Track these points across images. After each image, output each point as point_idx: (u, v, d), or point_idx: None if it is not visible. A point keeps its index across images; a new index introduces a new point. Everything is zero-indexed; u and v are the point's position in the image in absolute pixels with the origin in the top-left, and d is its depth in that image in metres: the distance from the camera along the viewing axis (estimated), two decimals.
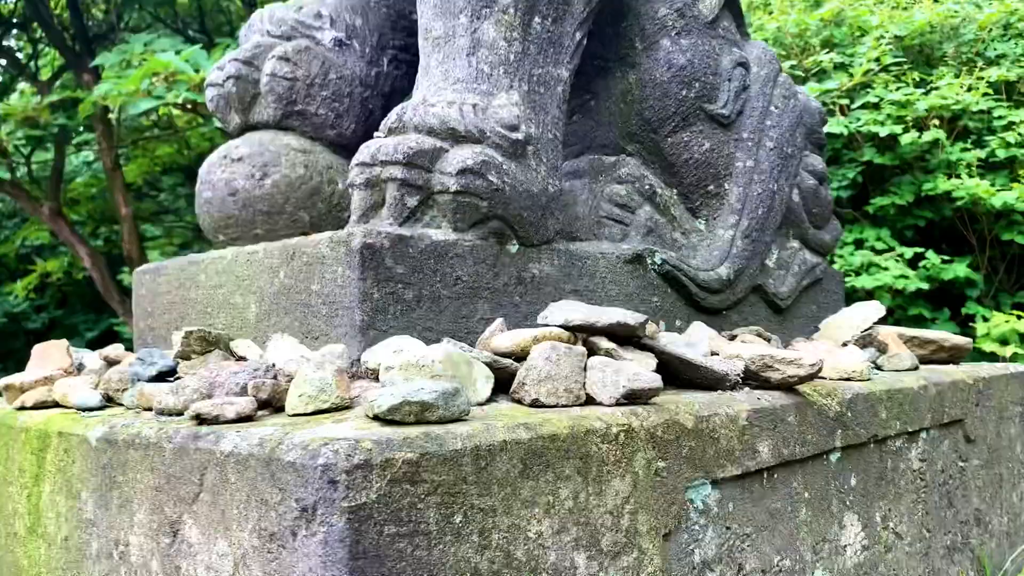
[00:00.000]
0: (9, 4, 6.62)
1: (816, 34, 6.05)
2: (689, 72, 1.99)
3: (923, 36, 5.68)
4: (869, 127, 4.77)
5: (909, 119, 4.58)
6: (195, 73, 3.63)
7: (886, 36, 5.58)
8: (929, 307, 4.11)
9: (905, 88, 4.91)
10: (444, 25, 1.69)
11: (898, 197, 4.45)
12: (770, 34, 6.10)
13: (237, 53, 1.93)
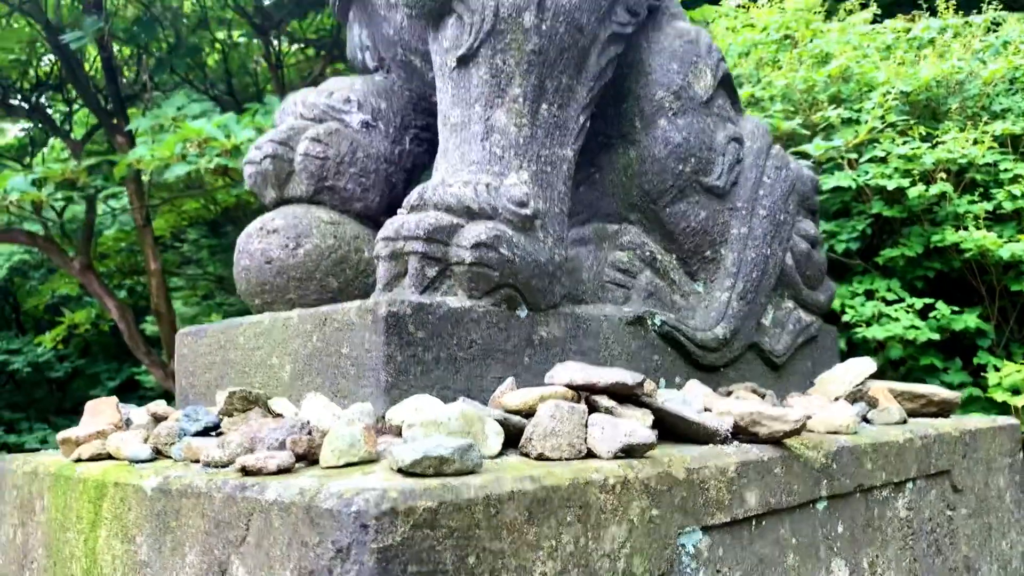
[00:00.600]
0: (45, 67, 6.96)
1: (824, 90, 6.23)
2: (685, 149, 2.17)
3: (929, 91, 5.85)
4: (877, 180, 4.91)
5: (916, 172, 4.70)
6: (226, 139, 3.86)
7: (892, 91, 5.75)
8: (940, 357, 4.18)
9: (912, 142, 5.06)
10: (461, 113, 1.88)
11: (907, 249, 4.56)
12: (779, 90, 6.29)
13: (273, 135, 2.13)
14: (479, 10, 1.84)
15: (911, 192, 4.50)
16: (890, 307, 4.27)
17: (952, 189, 4.52)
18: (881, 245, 4.82)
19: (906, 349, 4.16)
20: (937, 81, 5.81)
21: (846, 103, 6.10)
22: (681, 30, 2.26)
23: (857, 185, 4.82)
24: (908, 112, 5.84)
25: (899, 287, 4.54)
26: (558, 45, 1.90)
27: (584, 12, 1.93)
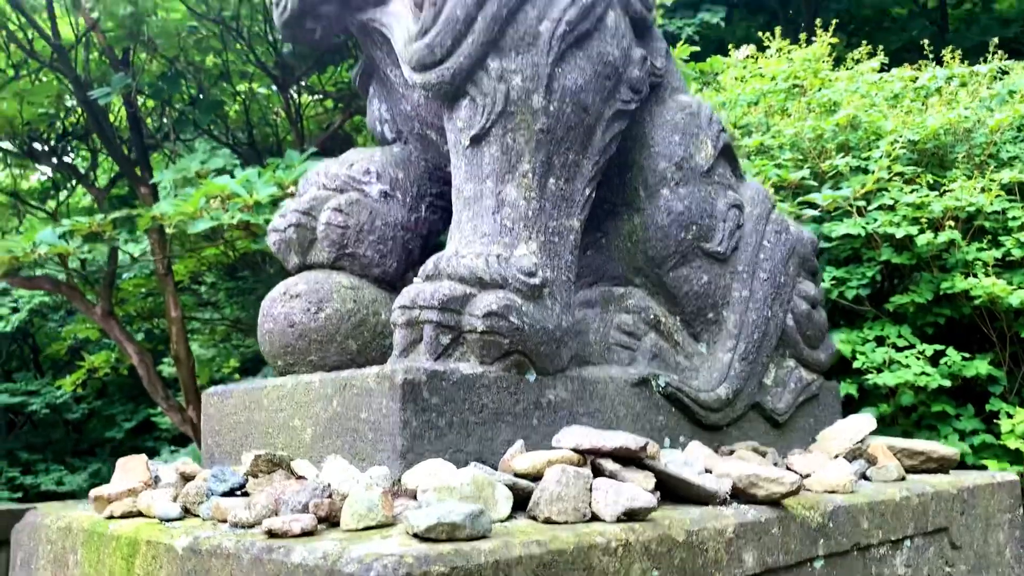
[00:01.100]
0: (71, 116, 7.17)
1: (832, 138, 6.33)
2: (687, 217, 2.28)
3: (936, 140, 5.93)
4: (885, 228, 4.98)
5: (924, 220, 4.76)
6: (248, 196, 3.99)
7: (900, 140, 5.83)
8: (952, 404, 4.19)
9: (920, 191, 5.12)
10: (474, 187, 2.00)
11: (917, 295, 4.59)
12: (788, 139, 6.40)
13: (297, 204, 2.26)
14: (491, 93, 1.97)
15: (920, 240, 4.55)
16: (901, 353, 4.29)
17: (960, 237, 4.54)
18: (891, 291, 4.87)
19: (917, 396, 4.16)
20: (944, 129, 5.90)
21: (854, 151, 6.18)
22: (683, 103, 2.38)
23: (866, 232, 4.88)
24: (916, 160, 5.91)
25: (909, 333, 4.56)
26: (565, 124, 2.02)
27: (589, 93, 2.06)
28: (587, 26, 2.06)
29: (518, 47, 1.98)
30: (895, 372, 4.15)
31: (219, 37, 5.57)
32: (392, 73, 2.28)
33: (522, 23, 1.98)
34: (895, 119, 6.37)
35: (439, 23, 1.96)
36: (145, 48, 5.58)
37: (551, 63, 2.00)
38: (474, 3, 1.94)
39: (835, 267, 5.09)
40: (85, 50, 5.89)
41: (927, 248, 4.60)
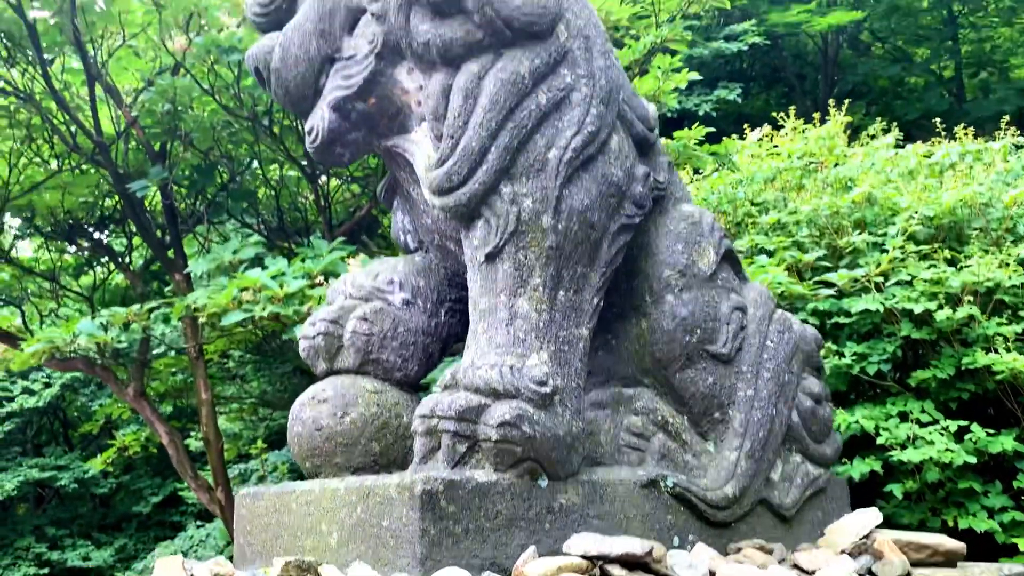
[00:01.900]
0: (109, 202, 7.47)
1: (849, 215, 6.44)
2: (691, 321, 2.41)
3: (953, 215, 6.00)
4: (904, 304, 5.02)
5: (943, 295, 4.79)
6: (279, 289, 4.18)
7: (916, 216, 5.92)
8: (980, 480, 4.16)
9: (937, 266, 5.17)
10: (488, 301, 2.15)
11: (939, 370, 4.58)
12: (804, 216, 6.51)
13: (325, 313, 2.42)
14: (503, 215, 2.14)
15: (938, 315, 4.56)
16: (924, 429, 4.24)
17: (980, 312, 4.56)
18: (913, 366, 4.89)
19: (943, 472, 4.11)
20: (960, 205, 5.97)
21: (871, 227, 6.26)
22: (685, 213, 2.54)
23: (885, 308, 4.93)
24: (932, 235, 5.98)
25: (933, 408, 4.54)
26: (573, 240, 2.18)
27: (595, 211, 2.22)
28: (592, 151, 2.23)
29: (528, 173, 2.15)
30: (919, 448, 4.11)
31: (251, 130, 5.84)
32: (414, 191, 2.46)
33: (531, 151, 2.16)
34: (911, 195, 6.45)
35: (456, 153, 2.14)
36: (181, 141, 5.86)
37: (559, 186, 2.16)
38: (488, 135, 2.12)
39: (855, 342, 5.13)
40: (124, 143, 6.20)
41: (947, 323, 4.59)
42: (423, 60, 2.21)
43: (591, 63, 2.27)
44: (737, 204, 7.41)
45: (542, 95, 2.18)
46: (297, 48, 2.33)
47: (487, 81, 2.15)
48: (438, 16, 2.16)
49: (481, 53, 2.17)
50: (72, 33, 5.29)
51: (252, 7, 2.45)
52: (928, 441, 4.14)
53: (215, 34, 4.94)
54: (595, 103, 2.24)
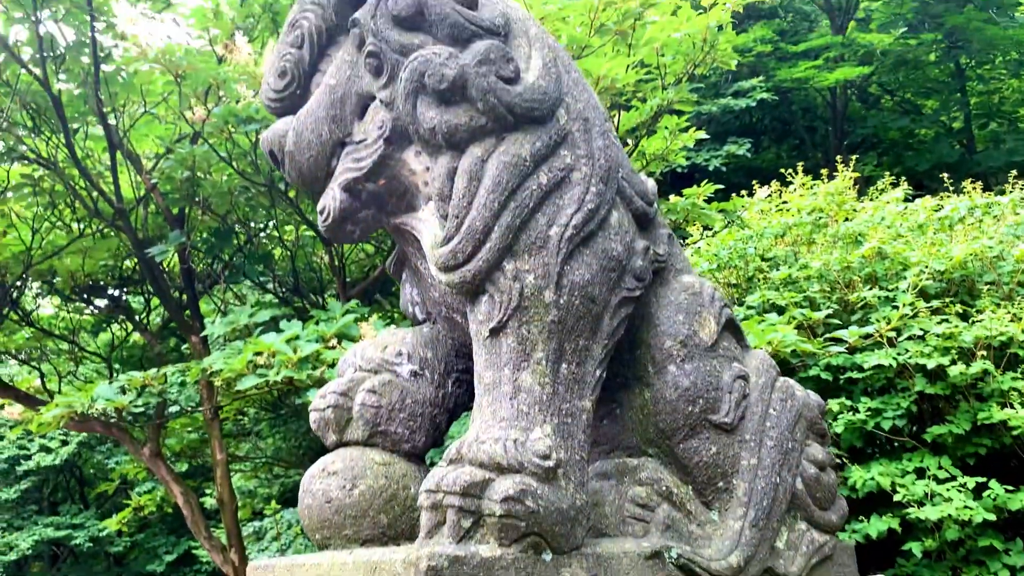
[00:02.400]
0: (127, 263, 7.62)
1: (859, 270, 6.47)
2: (694, 392, 2.46)
3: (963, 269, 6.02)
4: (917, 359, 5.02)
5: (955, 350, 4.79)
6: (293, 354, 4.26)
7: (926, 270, 5.94)
8: (1000, 538, 4.11)
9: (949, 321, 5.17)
10: (493, 375, 2.21)
11: (955, 426, 4.55)
12: (815, 271, 6.55)
13: (335, 386, 2.49)
14: (507, 291, 2.21)
15: (952, 370, 4.55)
16: (942, 486, 4.20)
17: (994, 367, 4.56)
18: (929, 421, 4.87)
19: (963, 530, 4.05)
20: (970, 259, 5.99)
21: (881, 281, 6.28)
22: (686, 284, 2.60)
23: (898, 363, 4.92)
24: (943, 289, 5.99)
25: (950, 465, 4.50)
26: (575, 315, 2.24)
27: (596, 285, 2.28)
28: (592, 227, 2.30)
29: (530, 250, 2.22)
30: (937, 506, 4.06)
31: (267, 194, 5.98)
32: (421, 266, 2.53)
33: (533, 229, 2.23)
34: (921, 249, 6.48)
35: (461, 232, 2.22)
36: (199, 207, 6.01)
37: (560, 262, 2.23)
38: (491, 215, 2.20)
39: (869, 397, 5.11)
40: (143, 208, 6.35)
41: (961, 378, 4.58)
42: (429, 144, 2.31)
43: (590, 144, 2.36)
44: (748, 259, 7.48)
45: (543, 175, 2.26)
46: (310, 132, 2.44)
47: (490, 164, 2.23)
48: (443, 104, 2.26)
49: (484, 137, 2.26)
50: (95, 104, 5.47)
51: (267, 93, 2.56)
52: (946, 498, 4.11)
53: (233, 105, 5.11)
54: (595, 182, 2.32)
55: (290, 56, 2.50)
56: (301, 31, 2.49)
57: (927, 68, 18.73)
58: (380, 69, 2.33)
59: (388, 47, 2.29)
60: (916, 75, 18.78)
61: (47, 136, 6.04)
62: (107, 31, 5.57)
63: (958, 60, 18.17)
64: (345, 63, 2.42)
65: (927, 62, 18.38)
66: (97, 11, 5.30)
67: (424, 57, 2.24)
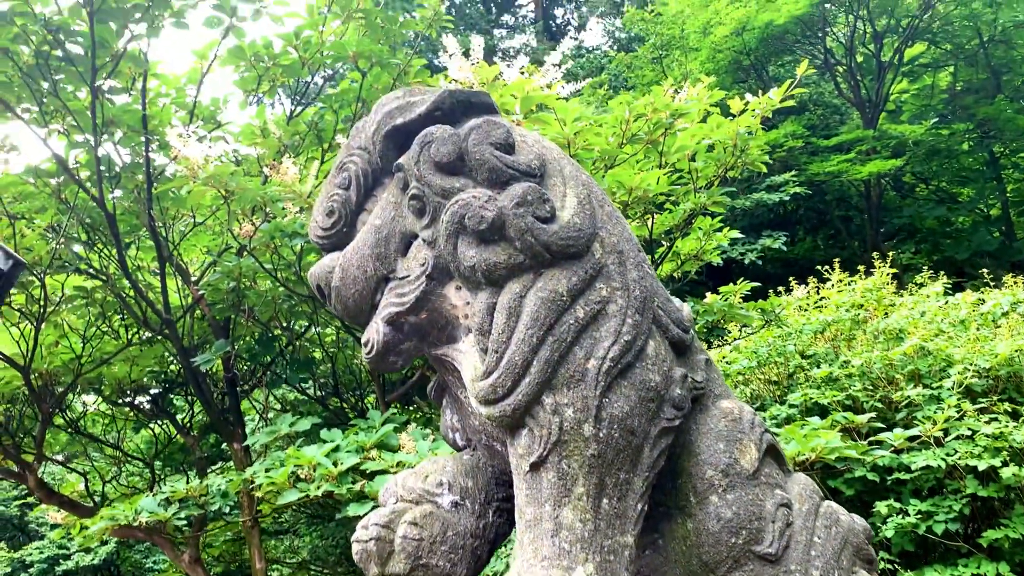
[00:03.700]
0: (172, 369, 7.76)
1: (902, 367, 6.39)
2: (736, 523, 2.44)
3: (1009, 365, 5.93)
4: (967, 460, 4.90)
5: (1006, 451, 4.67)
6: (333, 467, 4.29)
7: (971, 368, 5.84)
8: None
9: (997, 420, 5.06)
10: (534, 511, 2.23)
11: (1011, 530, 4.43)
12: (856, 369, 6.47)
13: (377, 518, 2.51)
14: (546, 425, 2.24)
15: (1004, 472, 4.45)
16: None
17: None
18: (983, 525, 4.71)
19: None
20: (1017, 353, 5.89)
21: (925, 379, 6.19)
22: (725, 410, 2.61)
23: (947, 464, 4.80)
24: (990, 386, 5.88)
25: (1008, 571, 4.36)
26: (614, 448, 2.26)
27: (635, 417, 2.31)
28: (629, 359, 2.34)
29: (569, 383, 2.27)
30: None
31: (310, 303, 6.11)
32: (461, 394, 2.59)
33: (571, 363, 2.28)
34: (964, 346, 6.39)
35: (501, 367, 2.27)
36: (244, 316, 6.16)
37: (599, 395, 2.27)
38: (530, 350, 2.26)
39: (919, 499, 4.97)
40: (189, 317, 6.53)
41: (1015, 480, 4.48)
42: (469, 280, 2.39)
43: (625, 276, 2.43)
44: (788, 356, 7.44)
45: (580, 309, 2.32)
46: (356, 269, 2.54)
47: (528, 300, 2.30)
48: (482, 243, 2.35)
49: (522, 273, 2.34)
50: (147, 219, 5.70)
51: (315, 230, 2.68)
52: None
53: (279, 221, 5.29)
54: (630, 313, 2.38)
55: (337, 196, 2.63)
56: (348, 174, 2.62)
57: (961, 157, 18.80)
58: (423, 211, 2.43)
59: (430, 190, 2.40)
60: (950, 164, 18.85)
61: (100, 248, 6.29)
62: (159, 150, 5.85)
63: (991, 149, 18.23)
64: (390, 204, 2.53)
65: (960, 151, 18.47)
66: (152, 133, 5.57)
67: (464, 200, 2.34)
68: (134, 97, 5.83)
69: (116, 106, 5.55)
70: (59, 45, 5.21)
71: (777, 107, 6.38)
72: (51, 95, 5.37)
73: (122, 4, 5.17)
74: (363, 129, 2.63)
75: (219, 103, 6.17)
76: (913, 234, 18.62)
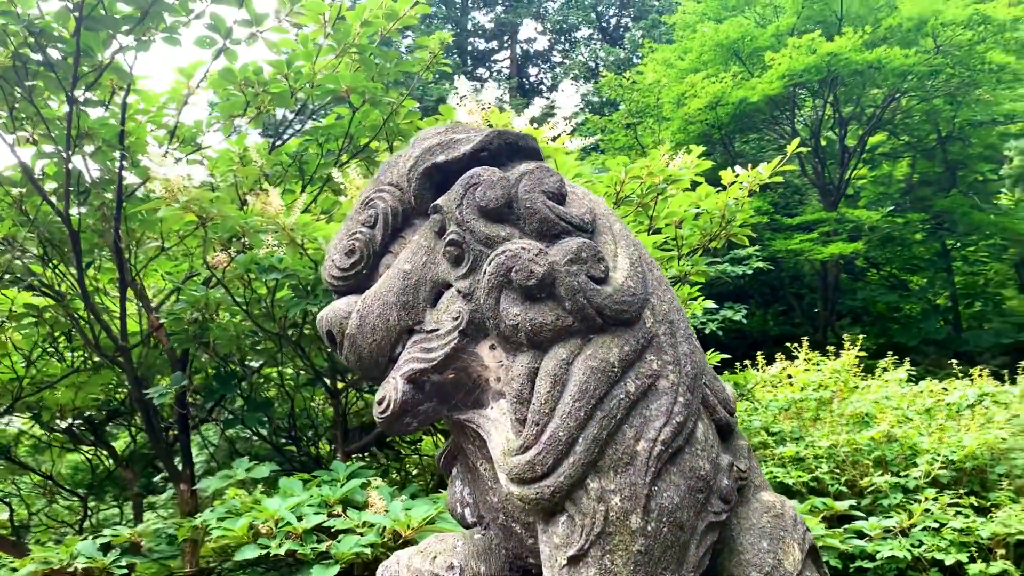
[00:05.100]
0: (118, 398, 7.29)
1: (868, 452, 6.33)
2: None
3: (975, 459, 5.92)
4: (934, 553, 4.79)
5: (973, 545, 4.61)
6: (298, 523, 3.95)
7: (938, 459, 5.81)
8: None
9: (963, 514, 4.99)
10: None
11: None
12: (824, 451, 6.38)
13: None
14: (590, 513, 1.99)
15: (971, 568, 4.40)
16: None
17: (1013, 566, 4.44)
18: None
19: None
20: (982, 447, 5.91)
21: (891, 465, 6.16)
22: (767, 504, 2.40)
23: (912, 556, 4.72)
24: (955, 478, 5.86)
25: None
26: (662, 544, 2.02)
27: (684, 509, 2.08)
28: (680, 442, 2.12)
29: (616, 467, 2.03)
30: None
31: (276, 340, 5.79)
32: (481, 466, 2.33)
33: (620, 443, 2.05)
34: (931, 437, 6.39)
35: (542, 442, 2.03)
36: (205, 350, 5.80)
37: (648, 482, 2.04)
38: (576, 425, 2.02)
39: None
40: (144, 346, 6.13)
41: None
42: (509, 341, 2.15)
43: (676, 348, 2.22)
44: (752, 432, 7.33)
45: (631, 383, 2.10)
46: (376, 317, 2.29)
47: (576, 368, 2.08)
48: (528, 300, 2.12)
49: (569, 338, 2.12)
50: (113, 240, 5.35)
51: (331, 270, 2.42)
52: None
53: (254, 253, 4.99)
54: (682, 391, 2.16)
55: (360, 235, 2.38)
56: (375, 211, 2.38)
57: (913, 246, 19.26)
58: (460, 259, 2.20)
59: (472, 237, 2.18)
60: (903, 252, 19.29)
61: (55, 265, 5.88)
62: (131, 168, 5.51)
63: (944, 241, 18.71)
64: (421, 248, 2.30)
65: (913, 240, 18.91)
66: (127, 149, 5.25)
67: (512, 252, 2.12)
68: (111, 111, 5.51)
69: (94, 119, 5.22)
70: (40, 49, 4.88)
71: (765, 180, 6.39)
72: (25, 100, 5.03)
73: (112, 13, 4.89)
74: (395, 164, 2.40)
75: (202, 126, 5.87)
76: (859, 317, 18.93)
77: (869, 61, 14.02)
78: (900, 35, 14.72)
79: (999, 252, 17.85)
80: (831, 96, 16.33)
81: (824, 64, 14.29)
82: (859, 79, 15.06)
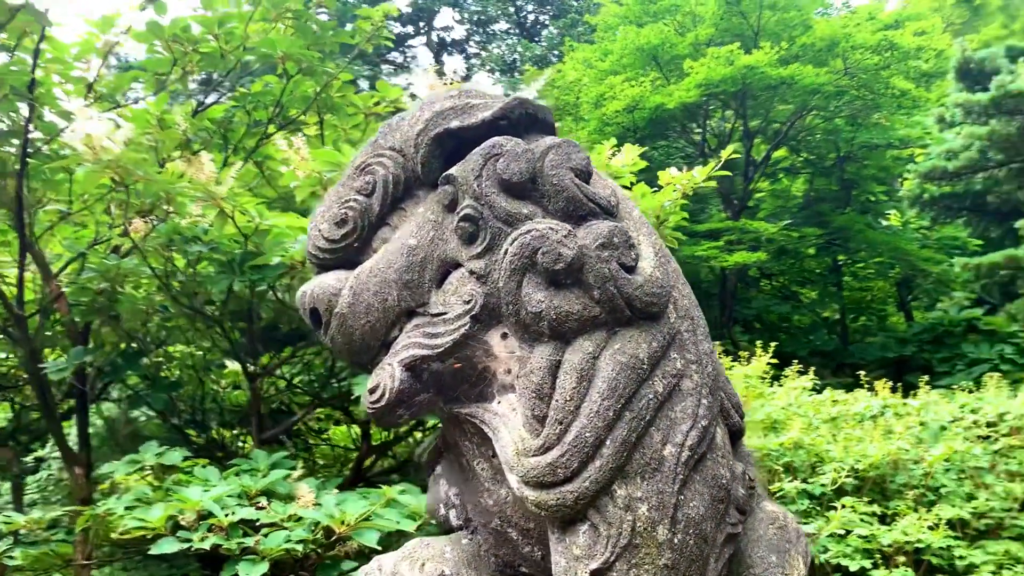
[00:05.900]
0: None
1: (778, 458, 6.43)
2: None
3: (878, 469, 6.11)
4: (840, 559, 4.88)
5: (876, 553, 4.73)
6: (224, 517, 3.63)
7: (844, 467, 5.96)
8: None
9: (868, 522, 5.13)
10: None
11: None
12: None
13: None
14: (616, 523, 1.82)
15: (874, 574, 4.49)
16: None
17: (912, 573, 4.58)
18: None
19: None
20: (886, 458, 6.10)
21: (799, 472, 6.29)
22: (771, 515, 2.29)
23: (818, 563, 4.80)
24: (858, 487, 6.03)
25: None
26: (688, 558, 1.87)
27: (708, 520, 1.93)
28: (704, 448, 1.98)
29: (644, 473, 1.86)
30: None
31: (188, 317, 5.38)
32: (479, 466, 2.12)
33: (648, 447, 1.88)
34: (838, 446, 6.55)
35: (566, 443, 1.84)
36: (109, 324, 5.34)
37: (676, 491, 1.88)
38: (604, 425, 1.84)
39: None
40: (42, 317, 5.59)
41: None
42: (528, 329, 1.95)
43: (698, 347, 2.07)
44: None
45: (658, 382, 1.94)
46: (372, 295, 2.04)
47: (603, 363, 1.89)
48: (553, 286, 1.92)
49: (594, 330, 1.93)
50: (15, 202, 4.84)
51: (317, 241, 2.15)
52: None
53: (176, 221, 4.59)
54: (704, 393, 2.02)
55: (355, 204, 2.12)
56: (373, 178, 2.12)
57: (806, 260, 19.97)
58: (475, 236, 1.98)
59: (492, 213, 1.96)
60: (796, 264, 19.96)
61: None
62: (37, 122, 5.00)
63: (836, 256, 19.45)
64: (428, 222, 2.06)
65: (807, 254, 19.60)
66: (39, 101, 4.75)
67: (539, 232, 1.91)
68: (16, 58, 4.97)
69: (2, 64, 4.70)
70: None
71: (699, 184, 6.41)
72: None
73: None
74: (399, 127, 2.15)
75: (126, 81, 5.39)
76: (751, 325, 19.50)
77: (783, 76, 14.37)
78: (812, 54, 15.16)
79: (886, 270, 18.67)
80: (741, 108, 16.69)
81: (740, 76, 14.57)
82: (771, 93, 15.44)
